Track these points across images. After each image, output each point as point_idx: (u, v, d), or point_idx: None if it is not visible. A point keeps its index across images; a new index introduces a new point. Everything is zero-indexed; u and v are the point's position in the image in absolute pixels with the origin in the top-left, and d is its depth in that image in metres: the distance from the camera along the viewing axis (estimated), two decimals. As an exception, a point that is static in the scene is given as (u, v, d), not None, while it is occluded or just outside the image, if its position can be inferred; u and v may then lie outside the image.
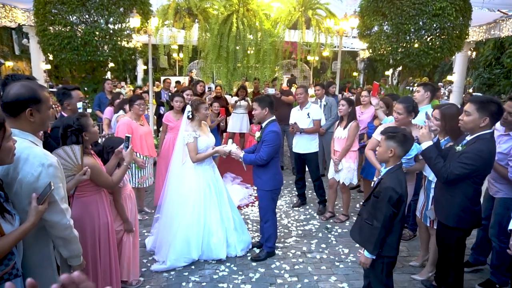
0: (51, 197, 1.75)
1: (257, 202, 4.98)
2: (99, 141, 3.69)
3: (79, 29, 6.38)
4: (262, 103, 3.62)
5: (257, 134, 3.73)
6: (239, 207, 5.03)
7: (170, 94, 7.81)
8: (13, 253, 1.64)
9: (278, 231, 4.02)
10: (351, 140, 4.49)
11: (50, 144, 2.54)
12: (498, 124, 3.24)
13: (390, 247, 2.50)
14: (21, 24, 8.77)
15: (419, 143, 2.83)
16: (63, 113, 3.20)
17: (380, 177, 2.60)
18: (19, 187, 1.70)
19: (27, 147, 1.72)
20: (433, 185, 3.11)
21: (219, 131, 6.46)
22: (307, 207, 5.28)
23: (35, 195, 1.68)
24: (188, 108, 3.75)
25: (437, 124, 3.08)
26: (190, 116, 3.71)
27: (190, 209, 3.62)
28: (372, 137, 3.85)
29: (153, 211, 4.90)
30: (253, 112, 3.76)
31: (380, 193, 2.46)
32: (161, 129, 5.42)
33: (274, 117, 3.69)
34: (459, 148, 2.67)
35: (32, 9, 6.96)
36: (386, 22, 7.17)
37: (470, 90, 12.69)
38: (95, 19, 6.41)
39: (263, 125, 3.69)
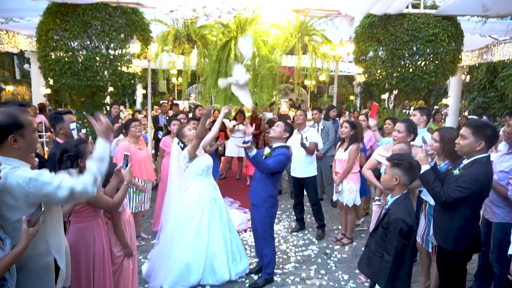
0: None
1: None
2: None
3: (80, 55, 6.48)
4: (287, 126, 3.71)
5: (267, 150, 3.70)
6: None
7: (167, 118, 7.86)
8: (5, 279, 1.62)
9: (276, 257, 3.95)
10: (352, 162, 4.50)
11: None
12: (501, 145, 3.28)
13: (403, 280, 2.43)
14: (23, 50, 8.92)
15: None
16: (57, 138, 3.13)
17: (387, 207, 2.54)
18: (9, 197, 1.67)
19: (6, 173, 1.69)
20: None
21: (217, 155, 6.47)
22: (306, 231, 5.21)
23: (25, 218, 1.66)
24: (175, 140, 3.80)
25: (435, 146, 3.10)
26: (182, 146, 3.77)
27: (193, 233, 3.57)
28: (371, 157, 3.87)
29: (150, 236, 4.83)
30: (273, 128, 3.78)
31: (389, 225, 2.41)
32: (159, 153, 5.43)
33: (286, 144, 3.73)
34: (456, 171, 2.68)
35: (34, 36, 7.10)
36: (381, 48, 7.33)
37: (466, 113, 12.82)
38: (96, 45, 6.52)
39: (274, 146, 3.68)
